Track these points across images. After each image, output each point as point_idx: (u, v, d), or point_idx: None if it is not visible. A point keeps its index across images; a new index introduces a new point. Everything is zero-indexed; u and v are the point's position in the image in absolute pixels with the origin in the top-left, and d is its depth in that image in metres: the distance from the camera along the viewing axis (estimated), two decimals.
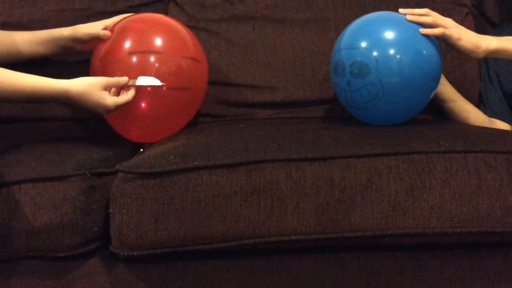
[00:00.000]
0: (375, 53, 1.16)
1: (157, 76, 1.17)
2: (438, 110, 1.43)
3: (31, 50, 1.28)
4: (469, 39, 1.22)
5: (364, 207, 0.99)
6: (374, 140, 1.07)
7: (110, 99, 1.12)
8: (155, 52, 1.20)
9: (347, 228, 1.00)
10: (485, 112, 1.43)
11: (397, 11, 1.24)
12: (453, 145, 1.04)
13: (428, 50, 1.19)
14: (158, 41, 1.22)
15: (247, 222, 0.98)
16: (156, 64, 1.19)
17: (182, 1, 1.49)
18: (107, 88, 1.12)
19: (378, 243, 1.03)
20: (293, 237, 1.00)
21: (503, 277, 1.07)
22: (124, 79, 1.15)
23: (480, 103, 1.49)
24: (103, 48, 1.23)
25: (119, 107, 1.14)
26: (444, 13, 1.29)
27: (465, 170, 1.01)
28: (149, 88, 1.17)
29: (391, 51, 1.16)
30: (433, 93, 1.25)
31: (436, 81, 1.24)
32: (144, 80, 1.16)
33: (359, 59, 1.17)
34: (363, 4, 1.48)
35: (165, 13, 1.48)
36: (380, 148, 1.03)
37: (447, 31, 1.20)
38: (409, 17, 1.21)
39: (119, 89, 1.16)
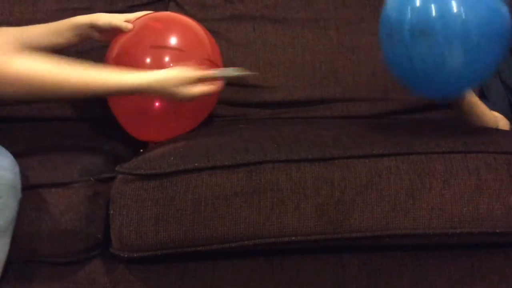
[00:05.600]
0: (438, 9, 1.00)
1: None
2: (438, 109, 1.43)
3: (47, 42, 1.21)
4: None
5: (364, 207, 0.99)
6: (374, 140, 1.07)
7: (194, 89, 1.09)
8: (177, 49, 1.20)
9: (347, 228, 1.00)
10: (487, 105, 1.43)
11: None
12: (453, 145, 1.04)
13: (498, 4, 1.04)
14: (180, 40, 1.22)
15: (247, 223, 0.98)
16: (176, 62, 1.16)
17: (182, 1, 1.49)
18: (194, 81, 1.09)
19: (378, 243, 1.03)
20: (293, 238, 1.00)
21: (503, 277, 1.07)
22: (212, 72, 1.13)
23: (482, 97, 1.48)
24: (122, 41, 1.20)
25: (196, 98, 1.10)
26: None
27: (465, 171, 1.01)
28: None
29: (456, 8, 1.01)
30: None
31: (509, 41, 1.07)
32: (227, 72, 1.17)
33: (421, 17, 1.01)
34: (363, 4, 1.48)
35: None
36: (380, 149, 1.03)
37: None
38: None
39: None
